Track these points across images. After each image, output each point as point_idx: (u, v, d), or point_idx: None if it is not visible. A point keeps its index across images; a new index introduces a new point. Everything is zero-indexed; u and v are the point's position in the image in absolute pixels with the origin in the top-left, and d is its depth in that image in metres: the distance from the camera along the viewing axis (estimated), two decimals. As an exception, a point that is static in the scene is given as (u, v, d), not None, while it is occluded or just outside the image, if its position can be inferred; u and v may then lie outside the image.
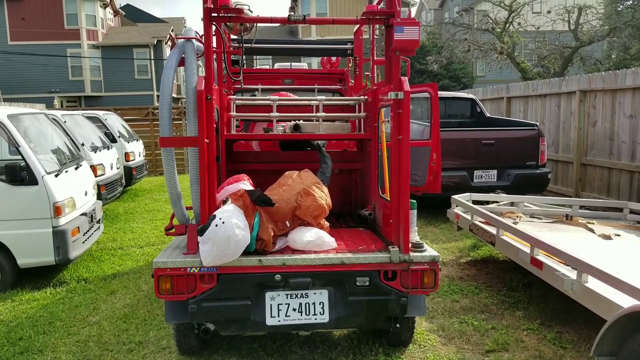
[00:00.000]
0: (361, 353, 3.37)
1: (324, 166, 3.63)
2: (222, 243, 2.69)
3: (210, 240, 2.68)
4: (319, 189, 3.16)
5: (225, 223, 2.69)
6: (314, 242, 2.99)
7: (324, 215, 3.16)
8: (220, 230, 2.67)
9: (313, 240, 2.99)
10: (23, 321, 4.01)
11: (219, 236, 2.67)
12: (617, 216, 5.30)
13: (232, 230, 2.69)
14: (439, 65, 21.91)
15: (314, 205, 3.05)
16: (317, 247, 2.99)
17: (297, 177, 3.23)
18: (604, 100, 7.47)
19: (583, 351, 3.39)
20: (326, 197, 3.18)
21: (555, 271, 3.39)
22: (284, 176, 3.27)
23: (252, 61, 21.74)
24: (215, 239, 2.68)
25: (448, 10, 35.63)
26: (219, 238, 2.68)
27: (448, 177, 6.68)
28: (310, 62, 22.23)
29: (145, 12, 41.22)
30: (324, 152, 3.76)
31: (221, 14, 3.03)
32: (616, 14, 20.74)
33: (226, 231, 2.68)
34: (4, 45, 27.80)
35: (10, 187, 4.45)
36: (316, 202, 3.06)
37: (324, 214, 3.14)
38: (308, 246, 2.98)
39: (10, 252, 4.55)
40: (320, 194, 3.13)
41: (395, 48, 2.83)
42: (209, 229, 2.68)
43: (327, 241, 3.03)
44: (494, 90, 10.97)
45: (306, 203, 3.04)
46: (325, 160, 3.67)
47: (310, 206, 3.04)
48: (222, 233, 2.67)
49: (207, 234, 2.68)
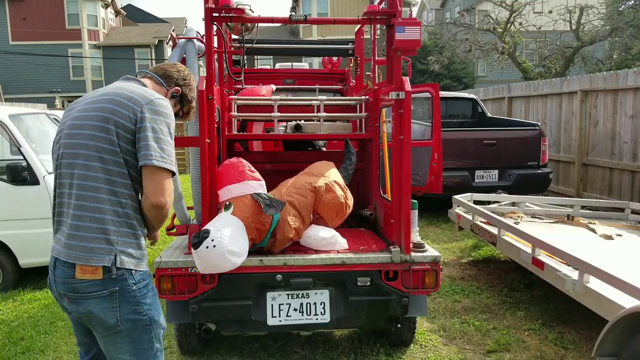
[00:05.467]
0: (362, 353, 3.37)
1: (347, 162, 3.45)
2: (213, 265, 2.58)
3: (201, 258, 2.56)
4: (340, 187, 3.07)
5: (217, 248, 2.50)
6: (327, 240, 2.96)
7: (342, 215, 3.09)
8: (210, 253, 2.51)
9: (327, 238, 2.96)
10: (25, 321, 4.01)
11: (209, 257, 2.53)
12: (619, 216, 5.29)
13: (222, 257, 2.52)
14: (440, 66, 21.90)
15: (334, 202, 2.98)
16: (330, 245, 2.96)
17: (325, 169, 3.15)
18: (606, 101, 7.46)
19: (585, 351, 3.39)
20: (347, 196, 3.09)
21: (556, 271, 3.38)
22: (314, 166, 3.21)
23: (253, 61, 21.75)
24: (205, 259, 2.55)
25: (449, 10, 35.60)
26: (209, 259, 2.54)
27: (449, 177, 6.68)
28: (311, 62, 22.23)
29: (147, 12, 41.25)
30: (350, 147, 3.54)
31: (222, 14, 3.03)
32: (618, 14, 20.73)
33: (217, 256, 2.52)
34: (6, 45, 27.85)
35: (12, 187, 4.46)
36: (337, 200, 2.99)
37: (342, 214, 3.08)
38: (321, 243, 2.95)
39: (11, 252, 4.56)
40: (341, 192, 3.04)
41: (397, 48, 2.83)
42: (200, 248, 2.50)
43: (339, 241, 3.01)
44: (495, 90, 10.96)
45: (326, 198, 2.96)
46: (349, 157, 3.48)
47: (330, 203, 2.98)
48: (213, 257, 2.52)
49: (198, 252, 2.52)
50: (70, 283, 1.76)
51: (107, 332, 1.81)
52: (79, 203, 1.77)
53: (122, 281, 1.77)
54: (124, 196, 1.79)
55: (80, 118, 1.84)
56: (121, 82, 1.98)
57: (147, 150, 1.76)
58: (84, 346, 2.05)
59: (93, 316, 1.78)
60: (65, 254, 1.76)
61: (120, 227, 1.78)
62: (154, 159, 1.76)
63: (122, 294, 1.78)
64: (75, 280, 1.74)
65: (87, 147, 1.78)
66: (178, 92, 2.09)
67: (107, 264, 1.74)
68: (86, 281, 1.74)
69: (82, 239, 1.75)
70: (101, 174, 1.76)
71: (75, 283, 1.75)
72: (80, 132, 1.80)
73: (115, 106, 1.80)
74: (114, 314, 1.78)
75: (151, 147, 1.76)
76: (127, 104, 1.80)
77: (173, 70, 2.11)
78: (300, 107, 3.94)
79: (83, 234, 1.75)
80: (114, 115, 1.78)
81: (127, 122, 1.78)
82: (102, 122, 1.78)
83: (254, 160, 3.07)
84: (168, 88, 2.07)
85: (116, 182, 1.78)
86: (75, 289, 1.76)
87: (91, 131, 1.78)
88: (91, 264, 1.73)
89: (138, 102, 1.81)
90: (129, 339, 1.83)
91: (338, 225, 3.13)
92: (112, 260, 1.75)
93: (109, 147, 1.77)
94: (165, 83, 2.07)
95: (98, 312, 1.77)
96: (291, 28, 31.49)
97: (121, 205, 1.78)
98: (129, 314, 1.80)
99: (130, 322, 1.81)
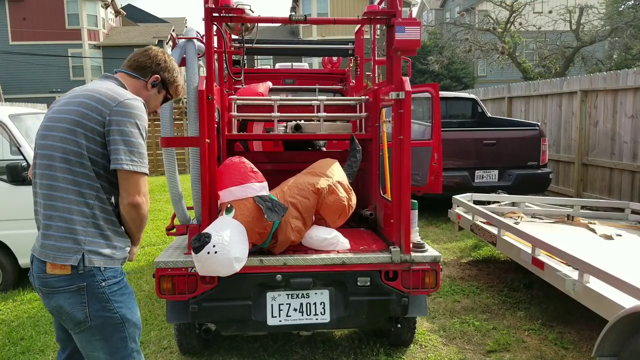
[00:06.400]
0: (362, 353, 3.37)
1: (352, 159, 3.38)
2: (212, 270, 2.59)
3: (200, 262, 2.55)
4: (343, 187, 3.04)
5: (218, 254, 2.49)
6: (329, 241, 2.95)
7: (344, 217, 3.07)
8: (211, 259, 2.50)
9: (329, 238, 2.96)
10: (24, 321, 4.01)
11: (209, 262, 2.53)
12: (619, 216, 5.29)
13: (222, 263, 2.52)
14: (440, 66, 21.89)
15: (336, 204, 2.96)
16: (332, 246, 2.96)
17: (329, 168, 3.12)
18: (606, 101, 7.46)
19: (584, 351, 3.39)
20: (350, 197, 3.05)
21: (556, 271, 3.38)
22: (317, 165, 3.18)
23: (253, 61, 21.75)
24: (205, 264, 2.55)
25: (449, 10, 35.61)
26: (210, 264, 2.54)
27: (449, 177, 6.68)
28: (311, 62, 22.24)
29: (147, 12, 41.26)
30: (356, 144, 3.44)
31: (222, 14, 3.03)
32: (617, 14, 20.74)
33: (217, 262, 2.52)
34: (6, 45, 27.85)
35: (12, 187, 4.46)
36: (340, 203, 2.97)
37: (344, 216, 3.06)
38: (323, 244, 2.95)
39: (11, 252, 4.56)
40: (344, 194, 3.01)
41: (397, 48, 2.83)
42: (201, 253, 2.48)
43: (341, 241, 3.00)
44: (495, 90, 10.96)
45: (329, 200, 2.94)
46: (355, 154, 3.40)
47: (333, 205, 2.95)
48: (213, 262, 2.52)
49: (199, 256, 2.50)
50: (43, 278, 1.83)
51: (78, 328, 1.86)
52: (49, 203, 1.83)
53: (89, 277, 1.82)
54: (91, 197, 1.83)
55: (52, 119, 1.88)
56: (99, 81, 1.99)
57: (117, 155, 1.81)
58: (61, 342, 2.10)
59: (63, 311, 1.84)
60: (39, 251, 1.85)
61: (88, 227, 1.83)
62: (124, 164, 1.81)
63: (90, 290, 1.83)
64: (47, 275, 1.82)
65: (56, 148, 1.82)
66: (157, 79, 2.09)
67: (73, 263, 1.80)
68: (55, 276, 1.81)
69: (52, 237, 1.82)
70: (68, 175, 1.81)
71: (47, 277, 1.82)
72: (51, 134, 1.85)
73: (84, 109, 1.83)
74: (82, 310, 1.83)
75: (120, 151, 1.81)
76: (96, 106, 1.83)
77: (145, 59, 2.06)
78: (300, 107, 3.94)
79: (53, 233, 1.82)
80: (83, 119, 1.82)
81: (96, 125, 1.82)
82: (70, 125, 1.82)
83: (254, 160, 3.07)
84: (146, 79, 2.06)
85: (82, 183, 1.82)
86: (47, 284, 1.83)
87: (60, 133, 1.83)
88: (57, 262, 1.80)
89: (107, 104, 1.84)
90: (101, 337, 1.87)
91: (340, 225, 3.13)
92: (78, 259, 1.80)
93: (76, 149, 1.81)
94: (141, 75, 2.06)
95: (67, 307, 1.82)
96: (291, 28, 31.49)
97: (88, 206, 1.83)
98: (98, 310, 1.84)
99: (100, 318, 1.85)
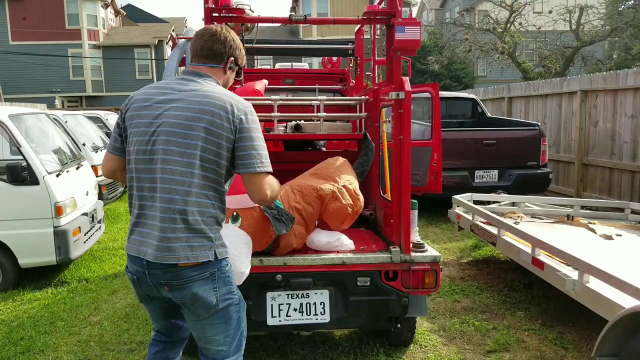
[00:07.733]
0: (362, 353, 3.37)
1: (364, 157, 3.32)
2: None
3: None
4: (349, 193, 2.97)
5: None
6: (332, 244, 2.95)
7: (348, 223, 3.02)
8: None
9: (332, 241, 2.95)
10: (24, 321, 4.01)
11: None
12: (619, 216, 5.29)
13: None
14: (440, 65, 21.90)
15: (339, 212, 2.91)
16: (335, 248, 2.96)
17: (337, 168, 3.07)
18: (606, 101, 7.46)
19: (584, 351, 3.39)
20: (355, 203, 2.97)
21: (556, 271, 3.38)
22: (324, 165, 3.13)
23: (253, 61, 21.75)
24: None
25: (449, 10, 35.60)
26: None
27: (449, 177, 6.67)
28: (311, 62, 22.23)
29: (147, 12, 41.27)
30: (369, 141, 3.38)
31: (222, 14, 3.04)
32: (617, 14, 20.73)
33: None
34: (6, 45, 27.85)
35: (12, 187, 4.45)
36: (343, 210, 2.91)
37: (348, 222, 3.01)
38: (326, 247, 2.95)
39: (11, 252, 4.55)
40: (348, 200, 2.93)
41: (397, 48, 2.83)
42: None
43: (345, 243, 3.00)
44: (495, 90, 10.96)
45: (332, 207, 2.90)
46: (367, 152, 3.34)
47: (335, 212, 2.91)
48: None
49: None
50: (173, 272, 1.87)
51: (208, 312, 1.93)
52: (170, 206, 1.85)
53: (218, 263, 1.93)
54: (215, 198, 1.93)
55: (175, 125, 1.86)
56: (195, 84, 1.95)
57: (250, 159, 1.90)
58: (166, 329, 2.18)
59: (197, 298, 1.89)
60: (162, 256, 1.85)
61: (215, 226, 1.94)
62: (256, 167, 1.90)
63: (220, 275, 1.93)
64: (178, 268, 1.86)
65: (188, 155, 1.85)
66: (233, 62, 2.09)
67: (211, 258, 1.90)
68: (188, 267, 1.87)
69: (181, 239, 1.85)
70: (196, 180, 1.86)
71: (178, 271, 1.86)
72: (184, 141, 1.85)
73: (212, 117, 1.86)
74: (214, 294, 1.92)
75: (252, 155, 1.90)
76: (225, 115, 1.87)
77: (219, 45, 2.01)
78: (300, 107, 3.94)
79: (181, 235, 1.85)
80: (213, 127, 1.85)
81: (226, 132, 1.87)
82: (202, 133, 1.85)
83: None
84: (224, 66, 2.06)
85: (209, 186, 1.90)
86: (179, 276, 1.87)
87: (195, 141, 1.85)
88: (200, 260, 1.87)
89: (234, 113, 1.88)
90: (224, 319, 1.98)
91: (343, 230, 3.11)
92: (213, 255, 1.91)
93: (211, 156, 1.87)
94: (219, 63, 2.04)
95: (202, 294, 1.89)
96: (291, 28, 31.49)
97: (213, 207, 1.92)
98: (226, 293, 1.96)
99: (226, 301, 1.97)
